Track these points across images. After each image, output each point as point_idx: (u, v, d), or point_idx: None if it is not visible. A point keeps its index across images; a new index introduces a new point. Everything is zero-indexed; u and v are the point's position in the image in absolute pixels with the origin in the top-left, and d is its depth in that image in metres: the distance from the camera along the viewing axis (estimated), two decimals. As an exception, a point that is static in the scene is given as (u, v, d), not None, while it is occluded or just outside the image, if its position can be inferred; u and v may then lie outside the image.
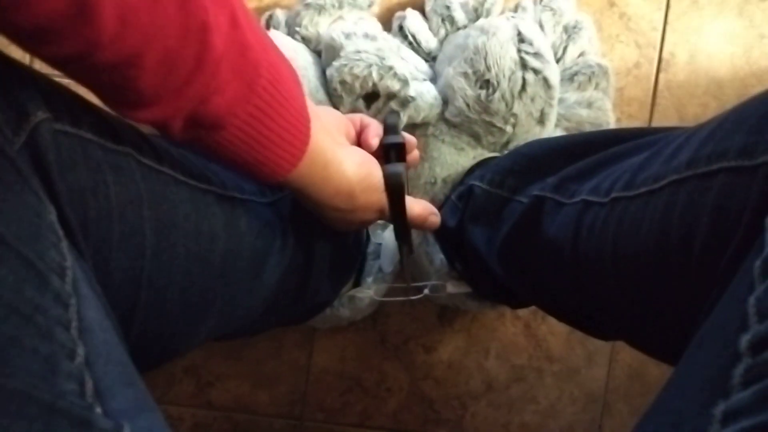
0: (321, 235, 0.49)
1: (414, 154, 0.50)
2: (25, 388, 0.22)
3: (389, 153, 0.46)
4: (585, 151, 0.45)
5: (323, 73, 0.60)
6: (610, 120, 0.65)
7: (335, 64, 0.57)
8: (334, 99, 0.59)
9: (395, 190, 0.43)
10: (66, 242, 0.27)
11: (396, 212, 0.44)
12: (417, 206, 0.48)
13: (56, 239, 0.26)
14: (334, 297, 0.57)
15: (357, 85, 0.56)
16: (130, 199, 0.32)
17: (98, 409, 0.24)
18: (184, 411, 0.74)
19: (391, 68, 0.55)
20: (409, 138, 0.48)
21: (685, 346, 0.29)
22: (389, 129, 0.47)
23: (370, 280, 0.59)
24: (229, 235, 0.39)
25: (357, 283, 0.60)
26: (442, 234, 0.59)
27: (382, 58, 0.56)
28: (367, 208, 0.43)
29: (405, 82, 0.56)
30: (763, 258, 0.25)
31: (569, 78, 0.63)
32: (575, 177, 0.43)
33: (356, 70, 0.55)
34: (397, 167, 0.43)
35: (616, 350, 0.74)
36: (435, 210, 0.50)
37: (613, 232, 0.36)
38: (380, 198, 0.43)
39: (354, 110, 0.62)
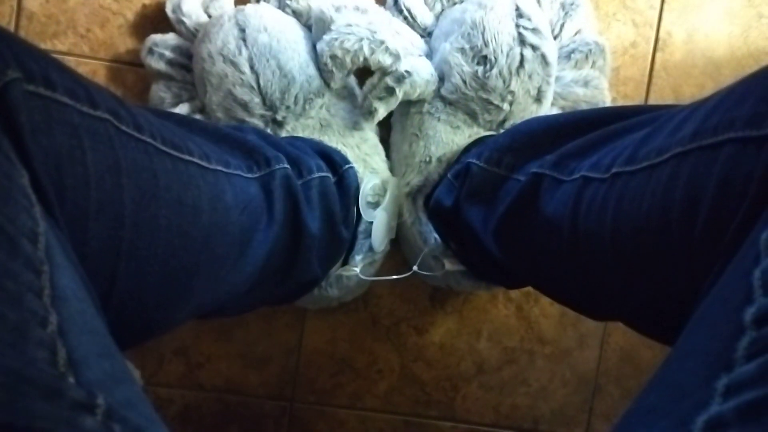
0: (309, 212, 0.48)
1: None
2: None
3: None
4: (585, 128, 0.44)
5: (314, 47, 0.58)
6: (607, 99, 0.64)
7: (325, 38, 0.55)
8: (324, 74, 0.57)
9: None
10: (39, 208, 0.26)
11: None
12: None
13: (28, 204, 0.25)
14: (322, 276, 0.56)
15: (348, 59, 0.55)
16: (108, 166, 0.30)
17: (71, 379, 0.23)
18: (174, 392, 0.73)
19: (382, 42, 0.53)
20: None
21: (684, 323, 0.28)
22: None
23: (359, 258, 0.58)
24: (213, 209, 0.38)
25: (346, 263, 0.59)
26: (437, 213, 0.58)
27: (373, 32, 0.54)
28: None
29: (397, 57, 0.54)
30: None
31: (566, 56, 0.62)
32: (575, 154, 0.42)
33: (347, 45, 0.54)
34: None
35: (607, 332, 0.74)
36: None
37: (614, 208, 0.35)
38: None
39: (345, 87, 0.60)
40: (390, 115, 0.61)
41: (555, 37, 0.61)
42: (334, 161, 0.56)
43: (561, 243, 0.40)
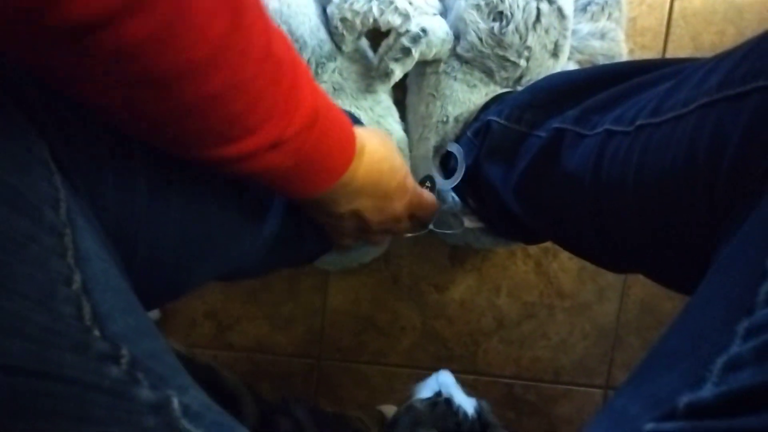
0: None
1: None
2: (22, 311, 0.22)
3: None
4: (607, 82, 0.44)
5: (324, 11, 0.58)
6: (623, 51, 0.63)
7: (335, 1, 0.55)
8: (336, 38, 0.57)
9: None
10: (59, 176, 0.27)
11: None
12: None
13: (48, 173, 0.26)
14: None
15: (358, 21, 0.54)
16: (121, 139, 0.31)
17: (96, 332, 0.24)
18: (207, 353, 0.76)
19: (391, 2, 0.53)
20: None
21: (703, 273, 0.29)
22: None
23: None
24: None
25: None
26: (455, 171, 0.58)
27: (380, -8, 0.54)
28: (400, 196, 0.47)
29: (406, 17, 0.54)
30: None
31: (582, 8, 0.61)
32: (597, 108, 0.42)
33: (356, 6, 0.54)
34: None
35: (627, 285, 0.75)
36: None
37: (637, 160, 0.35)
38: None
39: (357, 50, 0.60)
40: (405, 76, 0.61)
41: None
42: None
43: (583, 197, 0.40)
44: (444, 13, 0.59)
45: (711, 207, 0.30)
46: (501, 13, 0.54)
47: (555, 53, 0.57)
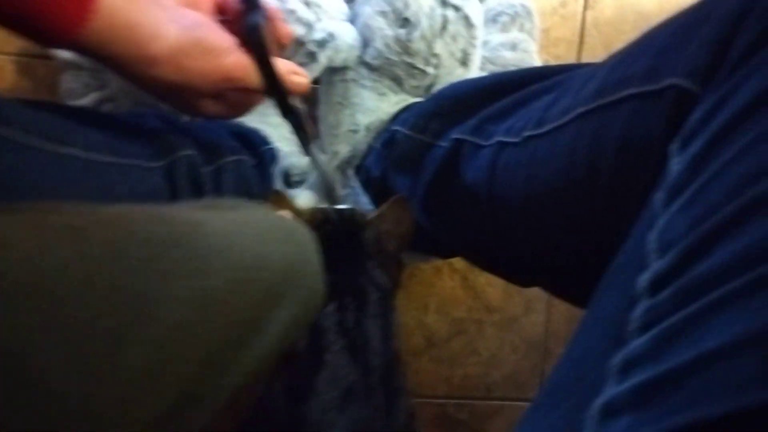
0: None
1: (284, 29, 0.44)
2: None
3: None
4: (508, 89, 0.43)
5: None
6: (536, 62, 0.63)
7: (236, 9, 0.52)
8: (240, 48, 0.54)
9: (255, 44, 0.39)
10: None
11: (264, 73, 0.40)
12: (278, 64, 0.42)
13: None
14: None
15: (259, 32, 0.52)
16: None
17: None
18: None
19: (292, 12, 0.51)
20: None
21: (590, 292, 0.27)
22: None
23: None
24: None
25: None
26: (367, 184, 0.56)
27: (282, 1, 0.51)
28: (204, 77, 0.37)
29: (309, 26, 0.52)
30: (666, 187, 0.23)
31: (492, 19, 0.61)
32: (494, 117, 0.41)
33: (256, 16, 0.51)
34: (255, 18, 0.38)
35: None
36: (298, 69, 0.45)
37: (525, 173, 0.34)
38: (220, 64, 0.38)
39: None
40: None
41: (481, 1, 0.60)
42: (252, 142, 0.53)
43: (481, 210, 0.39)
44: (353, 20, 0.57)
45: (594, 224, 0.29)
46: (407, 19, 0.52)
47: (464, 62, 0.56)
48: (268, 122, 0.57)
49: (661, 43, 0.27)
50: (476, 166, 0.40)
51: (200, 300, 0.21)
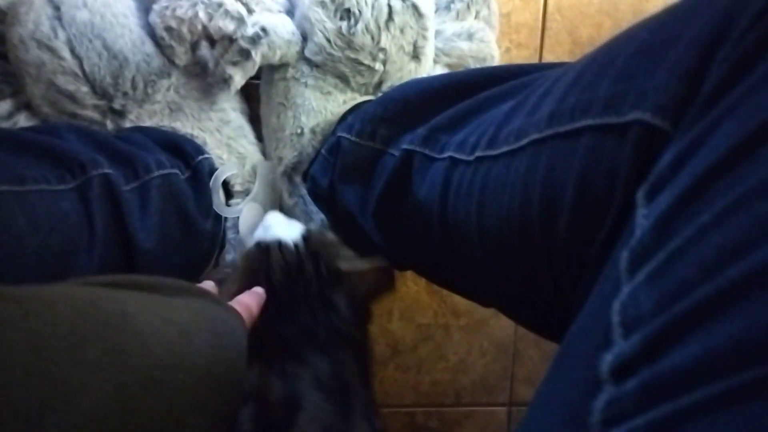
0: (140, 223, 0.40)
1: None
2: None
3: None
4: (461, 93, 0.39)
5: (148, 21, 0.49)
6: (495, 53, 0.58)
7: (155, 7, 0.47)
8: (165, 50, 0.49)
9: None
10: None
11: None
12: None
13: None
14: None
15: (185, 30, 0.47)
16: None
17: None
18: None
19: (220, 5, 0.46)
20: None
21: (559, 327, 0.23)
22: None
23: (229, 258, 0.51)
24: None
25: (218, 263, 0.52)
26: (314, 193, 0.52)
27: (208, -7, 0.46)
28: None
29: (240, 20, 0.47)
30: (631, 247, 0.19)
31: (445, 6, 0.56)
32: (446, 126, 0.37)
33: (179, 12, 0.46)
34: None
35: (522, 296, 0.71)
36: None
37: (478, 198, 0.31)
38: None
39: (196, 63, 0.51)
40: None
41: (433, -14, 0.55)
42: (185, 152, 0.48)
43: (434, 229, 0.35)
44: (291, 11, 0.52)
45: (553, 266, 0.25)
46: (348, 10, 0.47)
47: (415, 55, 0.51)
48: (203, 127, 0.52)
49: (624, 63, 0.23)
50: (429, 181, 0.36)
51: (118, 394, 0.22)
